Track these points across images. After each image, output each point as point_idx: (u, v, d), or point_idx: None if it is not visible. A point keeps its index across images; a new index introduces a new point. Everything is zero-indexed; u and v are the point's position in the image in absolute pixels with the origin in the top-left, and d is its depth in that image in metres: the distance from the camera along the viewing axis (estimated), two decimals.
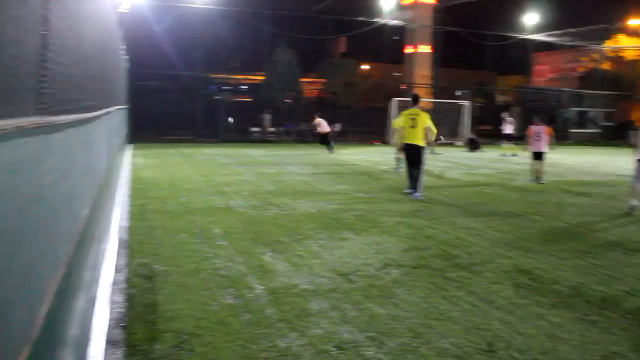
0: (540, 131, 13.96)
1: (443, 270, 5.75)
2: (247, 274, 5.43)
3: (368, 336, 3.98)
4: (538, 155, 13.87)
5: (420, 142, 10.56)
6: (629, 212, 9.41)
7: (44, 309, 1.62)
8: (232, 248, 6.42)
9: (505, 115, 24.96)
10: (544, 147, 13.89)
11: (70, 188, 2.42)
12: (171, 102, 27.24)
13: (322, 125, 22.65)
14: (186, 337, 3.86)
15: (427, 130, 10.64)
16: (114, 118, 8.16)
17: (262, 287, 5.01)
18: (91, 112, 3.44)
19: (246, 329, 4.03)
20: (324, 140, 22.76)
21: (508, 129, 23.98)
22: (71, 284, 2.34)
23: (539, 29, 37.49)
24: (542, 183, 13.44)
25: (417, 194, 10.54)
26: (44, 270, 1.73)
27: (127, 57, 18.43)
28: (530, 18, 36.85)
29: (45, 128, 1.74)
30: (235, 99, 37.82)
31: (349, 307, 4.58)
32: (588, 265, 6.10)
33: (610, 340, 4.05)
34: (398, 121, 10.70)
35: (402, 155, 11.45)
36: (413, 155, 10.64)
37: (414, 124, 10.55)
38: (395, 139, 11.00)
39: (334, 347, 3.79)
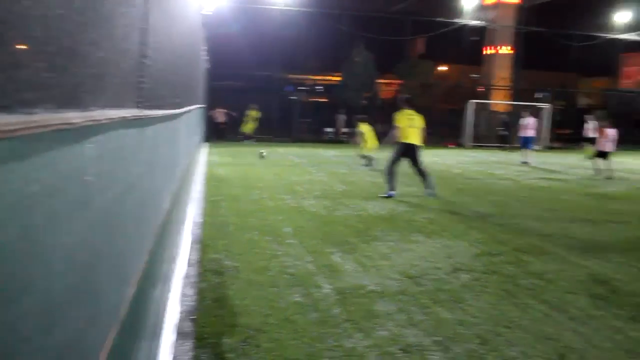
0: (614, 133, 16.01)
1: (514, 276, 5.64)
2: (315, 273, 5.51)
3: (434, 340, 3.97)
4: (607, 155, 15.85)
5: (418, 142, 10.92)
6: None
7: (129, 293, 1.75)
8: (301, 247, 6.52)
9: (588, 118, 24.10)
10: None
11: (156, 181, 2.56)
12: (248, 101, 27.77)
13: (216, 116, 23.48)
14: (253, 332, 3.96)
15: (423, 131, 11.05)
16: (194, 116, 8.47)
17: (329, 287, 5.08)
18: (176, 109, 3.60)
19: (312, 328, 4.10)
20: (218, 131, 23.46)
21: (591, 132, 23.17)
22: (151, 274, 2.48)
23: (630, 28, 35.62)
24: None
25: (429, 191, 10.90)
26: (132, 257, 1.86)
27: (207, 57, 18.99)
28: (621, 17, 35.05)
29: (141, 121, 1.87)
30: (310, 100, 38.21)
31: (416, 310, 4.57)
32: None
33: None
34: (397, 120, 11.04)
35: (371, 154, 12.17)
36: (410, 154, 10.92)
37: (412, 124, 10.88)
38: (391, 138, 11.23)
39: (400, 349, 3.80)
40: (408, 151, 10.94)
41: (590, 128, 23.32)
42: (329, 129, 30.24)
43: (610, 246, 7.21)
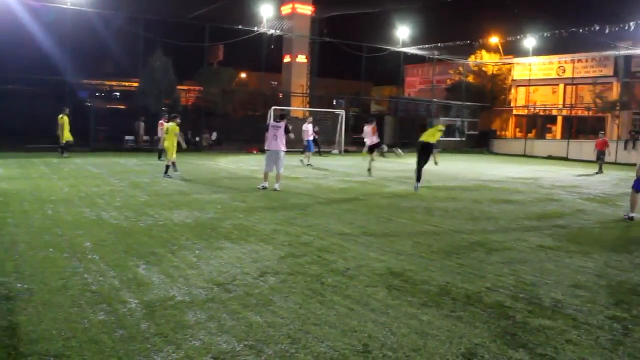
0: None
1: (319, 276, 5.88)
2: (120, 288, 5.24)
3: (246, 345, 3.99)
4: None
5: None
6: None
7: None
8: (103, 262, 6.16)
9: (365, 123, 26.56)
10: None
11: None
12: (36, 108, 25.43)
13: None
14: (52, 359, 3.66)
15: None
16: None
17: (136, 301, 4.86)
18: None
19: (120, 346, 3.89)
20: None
21: (367, 137, 25.85)
22: None
23: (411, 42, 39.48)
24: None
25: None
26: None
27: None
28: (402, 32, 38.82)
29: None
30: (107, 106, 36.32)
31: (227, 316, 4.56)
32: (454, 265, 6.52)
33: (474, 334, 4.37)
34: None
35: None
36: None
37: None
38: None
39: (212, 358, 3.76)
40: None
41: (368, 132, 25.95)
42: (129, 137, 28.93)
43: (403, 240, 7.87)
